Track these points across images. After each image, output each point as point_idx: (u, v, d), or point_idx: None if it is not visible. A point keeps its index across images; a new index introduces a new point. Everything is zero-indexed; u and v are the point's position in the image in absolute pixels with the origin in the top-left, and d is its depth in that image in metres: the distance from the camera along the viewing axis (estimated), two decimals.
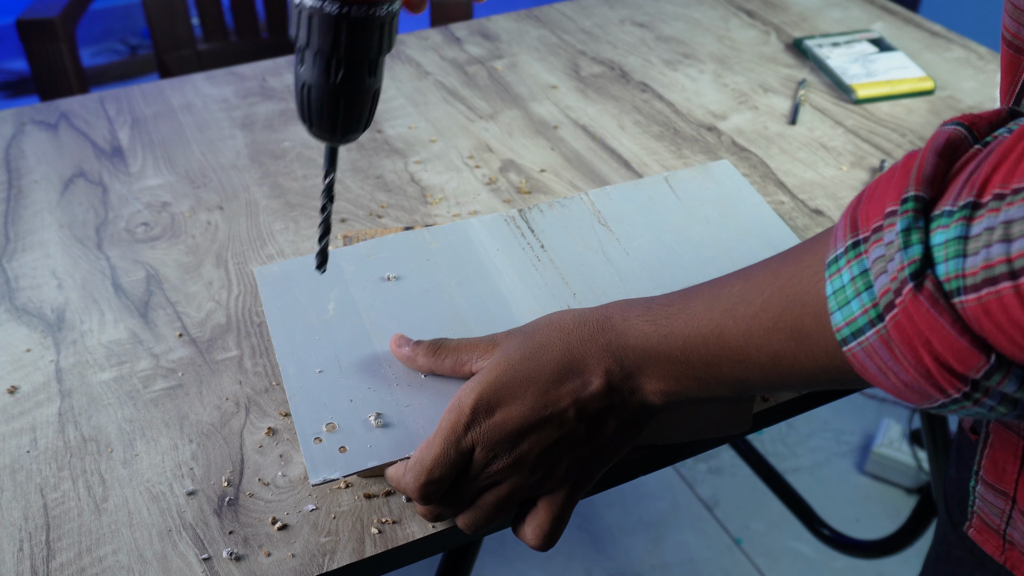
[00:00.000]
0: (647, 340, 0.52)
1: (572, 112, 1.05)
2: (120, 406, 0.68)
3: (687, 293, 0.52)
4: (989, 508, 0.59)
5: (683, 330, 0.50)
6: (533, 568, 1.65)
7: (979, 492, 0.60)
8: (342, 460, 0.57)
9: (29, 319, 0.76)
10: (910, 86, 1.07)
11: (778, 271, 0.47)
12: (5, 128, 1.03)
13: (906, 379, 0.40)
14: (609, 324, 0.54)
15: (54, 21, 1.36)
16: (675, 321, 0.51)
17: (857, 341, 0.41)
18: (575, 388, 0.53)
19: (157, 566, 0.57)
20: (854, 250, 0.41)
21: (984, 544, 0.60)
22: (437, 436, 0.54)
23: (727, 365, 0.49)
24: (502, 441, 0.53)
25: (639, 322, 0.53)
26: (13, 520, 0.60)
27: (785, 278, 0.46)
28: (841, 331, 0.41)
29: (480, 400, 0.53)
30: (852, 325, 0.41)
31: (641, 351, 0.52)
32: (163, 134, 1.01)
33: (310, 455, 0.58)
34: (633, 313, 0.53)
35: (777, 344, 0.46)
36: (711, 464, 1.84)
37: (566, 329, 0.55)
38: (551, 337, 0.55)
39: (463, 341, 0.59)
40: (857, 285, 0.40)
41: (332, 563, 0.57)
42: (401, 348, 0.62)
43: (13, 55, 3.04)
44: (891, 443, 1.78)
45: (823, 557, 1.66)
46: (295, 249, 0.83)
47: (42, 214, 0.89)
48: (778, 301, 0.46)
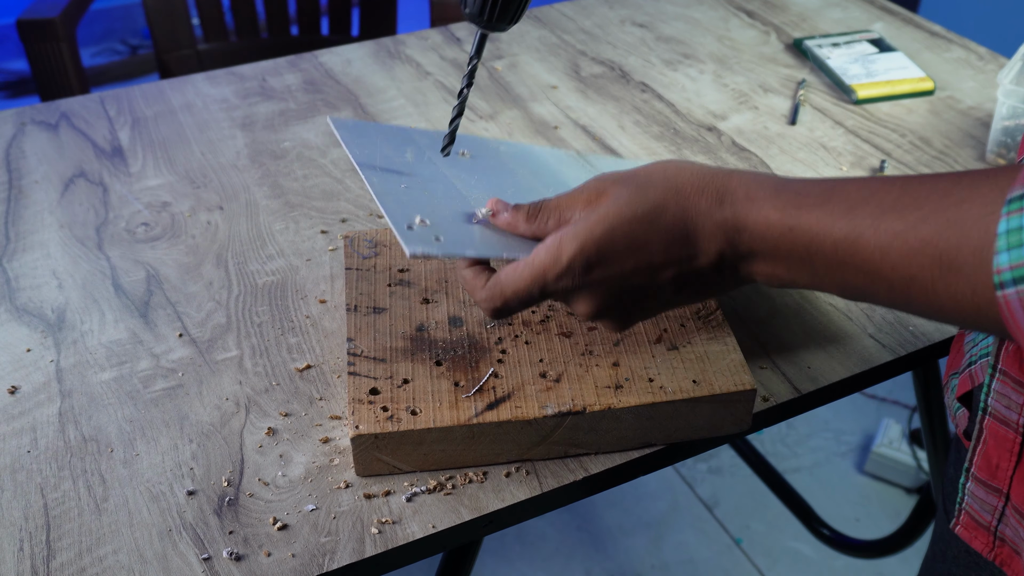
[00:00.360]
0: (769, 228, 0.49)
1: (572, 112, 1.05)
2: (120, 406, 0.68)
3: (829, 185, 0.48)
4: (980, 505, 0.59)
5: (812, 227, 0.47)
6: (533, 568, 1.65)
7: (969, 489, 0.60)
8: (438, 245, 0.57)
9: (29, 319, 0.76)
10: (910, 86, 1.07)
11: (947, 191, 0.42)
12: (5, 128, 1.03)
13: None
14: (731, 198, 0.51)
15: (54, 21, 1.36)
16: (806, 215, 0.47)
17: (1017, 288, 0.38)
18: (681, 259, 0.51)
19: (157, 566, 0.57)
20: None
21: (972, 541, 0.60)
22: (525, 271, 0.53)
23: (851, 273, 0.46)
24: (592, 293, 0.53)
25: (765, 206, 0.49)
26: (13, 520, 0.60)
27: (952, 200, 0.42)
28: (1003, 273, 0.38)
29: (579, 254, 0.51)
30: (1018, 270, 0.38)
31: (760, 237, 0.49)
32: (163, 134, 1.01)
33: (405, 235, 0.56)
34: (760, 193, 0.50)
35: (917, 268, 0.43)
36: (711, 464, 1.84)
37: (683, 192, 0.52)
38: (667, 198, 0.52)
39: (563, 197, 0.56)
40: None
41: (332, 563, 0.57)
42: (500, 215, 0.59)
43: (13, 55, 3.04)
44: (891, 443, 1.78)
45: (823, 557, 1.66)
46: (295, 249, 0.83)
47: (42, 214, 0.89)
48: (935, 222, 0.42)
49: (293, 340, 0.73)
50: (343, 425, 0.66)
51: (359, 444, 0.60)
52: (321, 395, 0.68)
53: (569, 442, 0.63)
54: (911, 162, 0.95)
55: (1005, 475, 0.56)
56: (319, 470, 0.63)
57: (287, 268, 0.81)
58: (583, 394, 0.62)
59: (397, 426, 0.60)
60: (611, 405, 0.62)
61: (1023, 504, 0.56)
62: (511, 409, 0.61)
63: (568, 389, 0.63)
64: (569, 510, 1.74)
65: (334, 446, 0.64)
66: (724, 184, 0.51)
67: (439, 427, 0.60)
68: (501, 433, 0.61)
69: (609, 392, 0.62)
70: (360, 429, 0.60)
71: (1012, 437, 0.55)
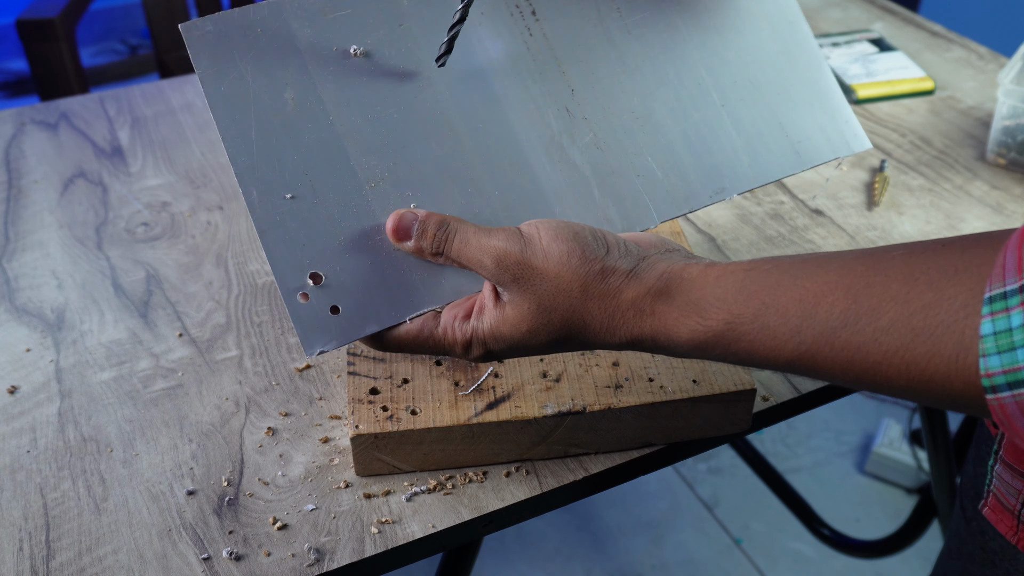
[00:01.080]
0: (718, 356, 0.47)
1: None
2: (120, 406, 0.68)
3: (761, 304, 0.44)
4: (1006, 488, 0.59)
5: (761, 353, 0.44)
6: (533, 568, 1.65)
7: (997, 471, 0.60)
8: (335, 324, 0.50)
9: (29, 319, 0.76)
10: (910, 86, 1.07)
11: (905, 297, 0.40)
12: (5, 128, 1.03)
13: None
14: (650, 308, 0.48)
15: (54, 21, 1.36)
16: (749, 345, 0.45)
17: (1012, 392, 0.36)
18: (580, 344, 0.51)
19: (157, 566, 0.57)
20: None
21: (998, 524, 0.60)
22: (427, 340, 0.53)
23: (815, 379, 0.45)
24: (488, 357, 0.53)
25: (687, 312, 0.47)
26: (13, 520, 0.60)
27: (915, 306, 0.39)
28: (994, 377, 0.37)
29: (476, 347, 0.52)
30: (1013, 375, 0.36)
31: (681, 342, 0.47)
32: (163, 134, 1.01)
33: (298, 318, 0.49)
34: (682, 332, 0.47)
35: (883, 379, 0.41)
36: (711, 464, 1.84)
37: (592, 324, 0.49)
38: (572, 331, 0.50)
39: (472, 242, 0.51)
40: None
41: (332, 563, 0.57)
42: (404, 243, 0.53)
43: (13, 55, 3.04)
44: (891, 443, 1.78)
45: (823, 557, 1.66)
46: None
47: (42, 214, 0.89)
48: (899, 332, 0.39)
49: (293, 340, 0.73)
50: (343, 425, 0.66)
51: (359, 444, 0.60)
52: (321, 395, 0.68)
53: (569, 442, 0.63)
54: (911, 161, 0.95)
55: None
56: (319, 470, 0.63)
57: None
58: (583, 394, 0.62)
59: (397, 426, 0.60)
60: (611, 405, 0.61)
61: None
62: (511, 409, 0.61)
63: (568, 389, 0.63)
64: (569, 510, 1.74)
65: (334, 446, 0.64)
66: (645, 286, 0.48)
67: (439, 427, 0.60)
68: (501, 433, 0.61)
69: (609, 392, 0.62)
70: (360, 429, 0.60)
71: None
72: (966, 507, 0.67)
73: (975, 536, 0.64)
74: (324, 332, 0.50)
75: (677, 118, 0.62)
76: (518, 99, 0.58)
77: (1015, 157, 0.93)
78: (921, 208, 0.88)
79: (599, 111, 0.59)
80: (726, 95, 0.63)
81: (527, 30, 0.59)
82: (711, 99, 0.63)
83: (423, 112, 0.55)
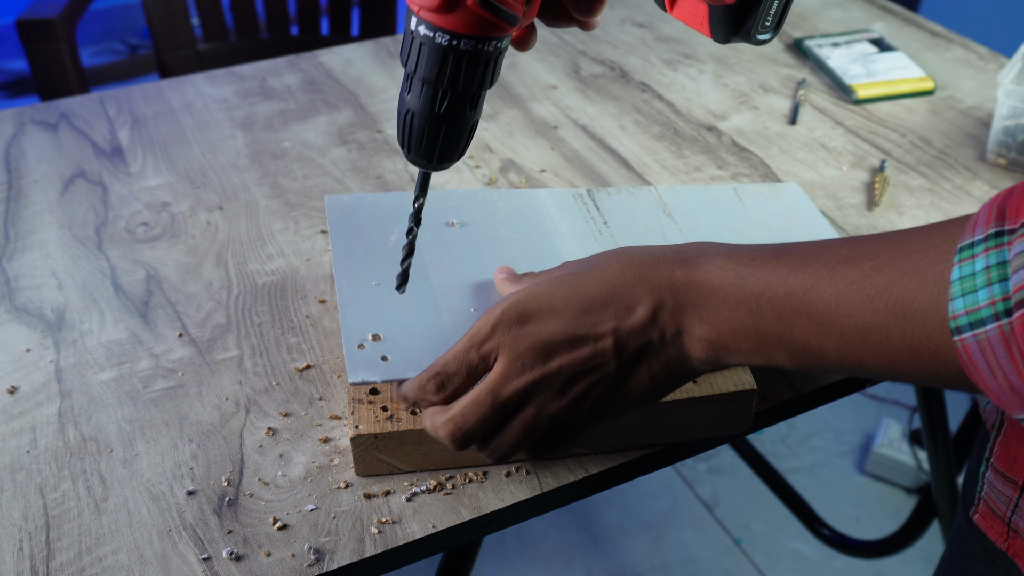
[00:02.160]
0: (720, 276, 0.48)
1: (572, 112, 1.05)
2: (120, 406, 0.68)
3: (783, 246, 0.48)
4: (996, 495, 0.59)
5: (766, 276, 0.47)
6: (533, 568, 1.65)
7: (988, 479, 0.60)
8: (382, 367, 0.60)
9: (29, 319, 0.76)
10: (910, 86, 1.07)
11: (899, 243, 0.44)
12: (5, 128, 1.03)
13: (1016, 382, 0.38)
14: (679, 256, 0.50)
15: (54, 21, 1.36)
16: (760, 266, 0.47)
17: (973, 332, 0.39)
18: (618, 313, 0.50)
19: (157, 566, 0.57)
20: (995, 239, 0.39)
21: (988, 531, 0.60)
22: (464, 335, 0.53)
23: (802, 326, 0.45)
24: (529, 351, 0.50)
25: (717, 258, 0.49)
26: (13, 520, 0.60)
27: (906, 251, 0.43)
28: (958, 319, 0.39)
29: (513, 306, 0.51)
30: (973, 315, 0.39)
31: (706, 287, 0.49)
32: (163, 134, 1.01)
33: (352, 357, 0.60)
34: (713, 249, 0.50)
35: (872, 315, 0.43)
36: (711, 464, 1.84)
37: (629, 255, 0.52)
38: (609, 261, 0.52)
39: (546, 271, 0.59)
40: (991, 275, 0.38)
41: (332, 563, 0.57)
42: (499, 273, 0.63)
43: (13, 55, 3.04)
44: (891, 443, 1.78)
45: (823, 557, 1.66)
46: (295, 249, 0.83)
47: (42, 214, 0.89)
48: (891, 271, 0.43)
49: (293, 340, 0.73)
50: (343, 425, 0.66)
51: (359, 444, 0.60)
52: (321, 395, 0.68)
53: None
54: (911, 161, 0.95)
55: (1022, 468, 0.56)
56: (319, 470, 0.63)
57: (287, 268, 0.81)
58: None
59: (397, 426, 0.60)
60: None
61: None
62: None
63: None
64: (569, 510, 1.74)
65: (334, 446, 0.64)
66: (677, 248, 0.51)
67: None
68: None
69: None
70: (360, 429, 0.60)
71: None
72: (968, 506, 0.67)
73: (977, 536, 0.64)
74: (370, 370, 0.60)
75: None
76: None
77: (1015, 157, 0.93)
78: (921, 208, 0.88)
79: None
80: None
81: (598, 231, 0.74)
82: None
83: (498, 259, 0.69)
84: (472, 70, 0.50)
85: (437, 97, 0.51)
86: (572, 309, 0.50)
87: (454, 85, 0.50)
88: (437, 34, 0.48)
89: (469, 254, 0.70)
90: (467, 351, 0.52)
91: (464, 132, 0.53)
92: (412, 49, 0.50)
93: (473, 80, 0.50)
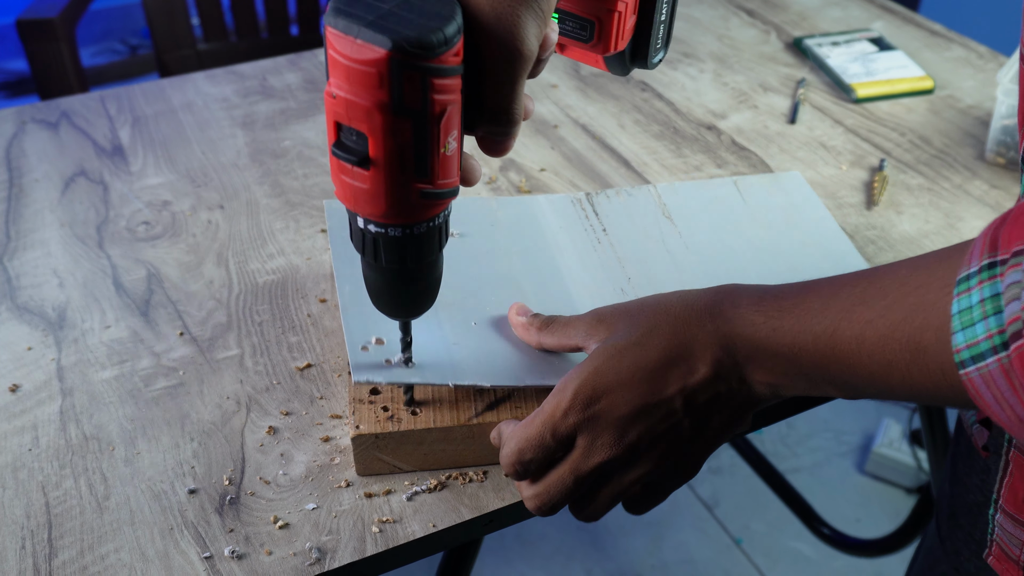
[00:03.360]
0: (755, 331, 0.50)
1: (572, 111, 1.05)
2: (121, 404, 0.68)
3: (804, 287, 0.50)
4: (1009, 538, 0.58)
5: (794, 326, 0.48)
6: (533, 568, 1.65)
7: (999, 521, 0.58)
8: (385, 371, 0.60)
9: (30, 317, 0.76)
10: (910, 85, 1.07)
11: (906, 279, 0.44)
12: (6, 127, 1.03)
13: (1022, 414, 0.38)
14: (718, 310, 0.52)
15: (54, 21, 1.36)
16: (787, 316, 0.49)
17: (976, 366, 0.39)
18: (682, 374, 0.51)
19: (159, 564, 0.57)
20: (988, 271, 0.39)
21: (1004, 573, 0.59)
22: (537, 417, 0.53)
23: (836, 368, 0.47)
24: (607, 430, 0.51)
25: (749, 311, 0.50)
26: (15, 518, 0.60)
27: (912, 286, 0.43)
28: (961, 353, 0.39)
29: (583, 386, 0.52)
30: (973, 349, 0.39)
31: (749, 341, 0.50)
32: (164, 133, 1.01)
33: (356, 358, 0.60)
34: (743, 301, 0.51)
35: (891, 353, 0.44)
36: (711, 464, 1.84)
37: (673, 312, 0.53)
38: (658, 320, 0.53)
39: (571, 318, 0.59)
40: (986, 308, 0.38)
41: (333, 562, 0.57)
42: (519, 317, 0.63)
43: (13, 55, 3.04)
44: (891, 443, 1.78)
45: (823, 557, 1.66)
46: (296, 248, 0.83)
47: (43, 213, 0.89)
48: (900, 309, 0.43)
49: (294, 339, 0.73)
50: (344, 424, 0.66)
51: (359, 444, 0.60)
52: (322, 394, 0.68)
53: None
54: (911, 161, 0.95)
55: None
56: (320, 469, 0.63)
57: (287, 267, 0.81)
58: None
59: (398, 426, 0.60)
60: None
61: None
62: (511, 409, 0.61)
63: None
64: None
65: (335, 445, 0.64)
66: (711, 299, 0.53)
67: (439, 427, 0.60)
68: None
69: None
70: (361, 429, 0.60)
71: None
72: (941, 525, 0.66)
73: (949, 556, 0.63)
74: (374, 372, 0.60)
75: None
76: (579, 273, 0.71)
77: (1014, 156, 0.93)
78: (920, 207, 0.89)
79: (650, 291, 0.64)
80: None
81: (597, 240, 0.74)
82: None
83: (497, 272, 0.70)
84: (430, 243, 0.51)
85: (403, 273, 0.53)
86: (639, 380, 0.51)
87: (417, 260, 0.52)
88: (389, 229, 0.49)
89: (468, 265, 0.70)
90: (542, 436, 0.53)
91: (435, 285, 0.55)
92: (367, 243, 0.51)
93: (433, 249, 0.52)
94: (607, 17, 0.54)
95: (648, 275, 0.70)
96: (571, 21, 0.56)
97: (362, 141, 0.45)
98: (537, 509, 0.56)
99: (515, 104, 0.48)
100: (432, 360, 0.61)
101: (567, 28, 0.56)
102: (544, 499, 0.55)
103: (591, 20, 0.54)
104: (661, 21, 0.57)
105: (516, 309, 0.64)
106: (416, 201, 0.48)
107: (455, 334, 0.64)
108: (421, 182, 0.47)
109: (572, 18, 0.55)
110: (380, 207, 0.48)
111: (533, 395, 0.62)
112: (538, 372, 0.61)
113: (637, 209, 0.77)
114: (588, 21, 0.55)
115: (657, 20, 0.56)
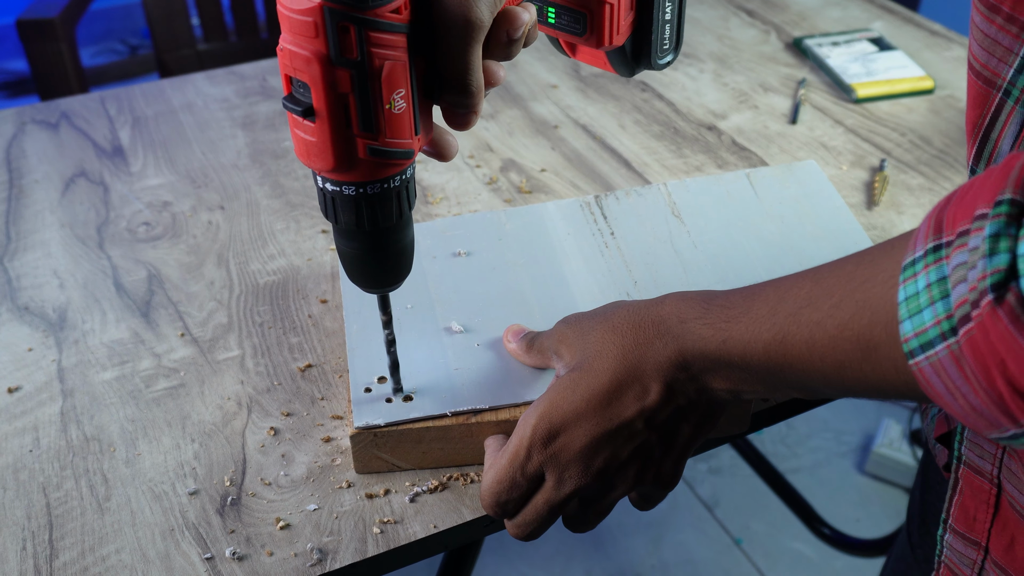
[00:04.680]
0: (705, 344, 0.49)
1: (572, 111, 1.05)
2: (122, 405, 0.68)
3: (750, 293, 0.49)
4: (959, 558, 0.56)
5: (742, 335, 0.47)
6: (533, 568, 1.65)
7: (948, 542, 0.57)
8: (386, 409, 0.61)
9: (31, 318, 0.76)
10: (910, 85, 1.07)
11: (852, 274, 0.42)
12: (6, 127, 1.03)
13: (975, 403, 0.36)
14: (665, 327, 0.51)
15: (54, 21, 1.36)
16: (735, 325, 0.48)
17: (925, 355, 0.37)
18: (637, 396, 0.51)
19: (160, 565, 0.57)
20: (934, 254, 0.36)
21: None
22: (504, 457, 0.54)
23: (789, 372, 0.46)
24: (572, 462, 0.52)
25: (696, 325, 0.50)
26: (16, 519, 0.60)
27: (858, 281, 0.41)
28: (909, 342, 0.37)
29: (540, 422, 0.52)
30: (922, 337, 0.36)
31: (701, 354, 0.49)
32: (164, 134, 1.01)
33: (358, 402, 0.61)
34: (690, 315, 0.50)
35: (842, 353, 0.42)
36: (711, 464, 1.84)
37: (620, 331, 0.53)
38: (605, 343, 0.53)
39: (544, 338, 0.61)
40: (932, 293, 0.36)
41: (334, 563, 0.57)
42: (510, 344, 0.64)
43: (13, 55, 3.04)
44: (891, 443, 1.78)
45: (823, 557, 1.66)
46: (296, 249, 0.83)
47: (43, 213, 0.89)
48: (847, 307, 0.41)
49: (294, 340, 0.73)
50: (344, 425, 0.66)
51: (358, 442, 0.60)
52: (323, 395, 0.68)
53: None
54: (911, 161, 0.95)
55: (983, 527, 0.54)
56: (321, 470, 0.63)
57: (288, 268, 0.81)
58: None
59: (396, 424, 0.60)
60: None
61: (1002, 558, 0.53)
62: (509, 409, 0.62)
63: None
64: None
65: (336, 446, 0.65)
66: (656, 314, 0.52)
67: (437, 426, 0.60)
68: (499, 432, 0.61)
69: None
70: (359, 427, 0.60)
71: (988, 488, 0.53)
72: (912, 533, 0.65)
73: (920, 564, 0.62)
74: (375, 413, 0.61)
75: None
76: (585, 280, 0.71)
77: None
78: (920, 207, 0.89)
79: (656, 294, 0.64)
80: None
81: (604, 244, 0.74)
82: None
83: (502, 288, 0.70)
84: (386, 206, 0.52)
85: (365, 237, 0.53)
86: (593, 409, 0.51)
87: (375, 223, 0.52)
88: (343, 187, 0.50)
89: (475, 284, 0.70)
90: (513, 478, 0.53)
91: (403, 255, 0.55)
92: (327, 203, 0.52)
93: (391, 214, 0.52)
94: (598, 9, 0.55)
95: (654, 278, 0.71)
96: (565, 15, 0.56)
97: (307, 92, 0.47)
98: (521, 538, 0.56)
99: (470, 74, 0.47)
100: (432, 386, 0.62)
101: (562, 22, 0.57)
102: (525, 530, 0.56)
103: (583, 12, 0.55)
104: (666, 21, 0.57)
105: (509, 335, 0.64)
106: (366, 158, 0.48)
107: (457, 359, 0.64)
108: (366, 137, 0.47)
109: (566, 11, 0.56)
110: (328, 160, 0.48)
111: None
112: (535, 389, 0.62)
113: (646, 209, 0.77)
114: (580, 13, 0.55)
115: (659, 19, 0.57)
